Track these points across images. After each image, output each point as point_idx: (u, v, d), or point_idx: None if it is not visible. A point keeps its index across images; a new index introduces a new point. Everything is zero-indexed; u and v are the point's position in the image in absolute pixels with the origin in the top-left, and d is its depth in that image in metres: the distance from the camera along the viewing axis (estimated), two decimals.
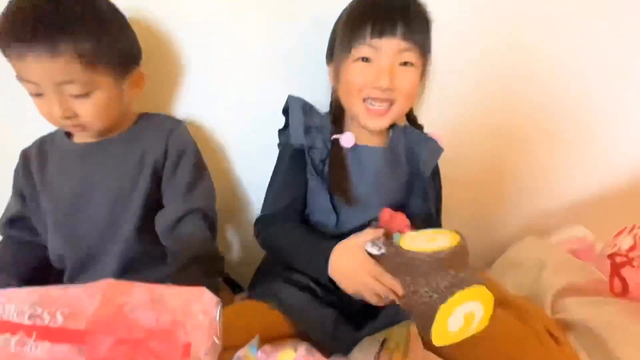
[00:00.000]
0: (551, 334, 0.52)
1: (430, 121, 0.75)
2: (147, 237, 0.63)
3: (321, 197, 0.63)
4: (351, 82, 0.60)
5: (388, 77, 0.57)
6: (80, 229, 0.62)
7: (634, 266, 0.56)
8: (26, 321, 0.32)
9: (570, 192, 0.94)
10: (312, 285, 0.60)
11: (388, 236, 0.53)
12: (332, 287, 0.57)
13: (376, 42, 0.57)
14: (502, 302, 0.54)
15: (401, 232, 0.53)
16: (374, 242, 0.52)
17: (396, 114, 0.62)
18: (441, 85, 0.79)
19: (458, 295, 0.42)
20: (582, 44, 0.82)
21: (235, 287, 0.77)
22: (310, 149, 0.63)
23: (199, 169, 0.67)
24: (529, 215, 0.94)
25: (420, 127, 0.72)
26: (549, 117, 0.86)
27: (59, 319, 0.32)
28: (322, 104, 0.71)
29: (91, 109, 0.57)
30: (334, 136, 0.63)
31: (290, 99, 0.65)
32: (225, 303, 0.64)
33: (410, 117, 0.72)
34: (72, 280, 0.65)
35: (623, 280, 0.58)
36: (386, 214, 0.57)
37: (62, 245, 0.63)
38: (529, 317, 0.54)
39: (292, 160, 0.65)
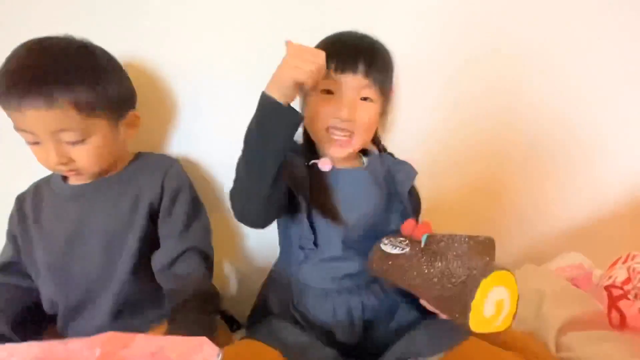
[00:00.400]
0: None
1: (423, 147, 0.77)
2: (142, 277, 0.63)
3: (300, 213, 0.63)
4: (315, 112, 0.63)
5: (348, 109, 0.60)
6: (74, 273, 0.62)
7: (629, 299, 0.57)
8: None
9: (566, 218, 0.95)
10: (313, 324, 0.60)
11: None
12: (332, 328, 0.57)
13: (339, 76, 0.61)
14: (508, 342, 0.55)
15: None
16: (393, 243, 0.54)
17: (356, 144, 0.64)
18: (432, 112, 0.81)
19: (496, 274, 0.44)
20: (576, 70, 0.85)
21: (233, 324, 0.76)
22: (291, 165, 0.63)
23: (195, 206, 0.68)
24: (524, 242, 0.94)
25: (384, 149, 0.75)
26: (544, 143, 0.88)
27: None
28: None
29: (86, 154, 0.58)
30: (312, 161, 0.65)
31: None
32: (223, 341, 0.65)
33: (379, 147, 0.75)
34: (66, 324, 0.64)
35: (620, 312, 0.59)
36: (410, 223, 0.59)
37: (54, 290, 0.63)
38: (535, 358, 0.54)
39: None
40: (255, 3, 0.75)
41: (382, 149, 0.75)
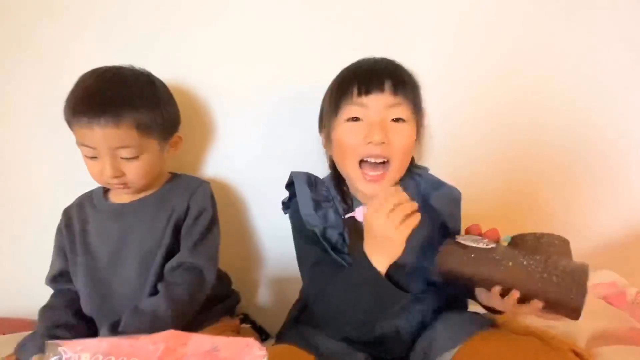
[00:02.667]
0: (578, 354, 0.51)
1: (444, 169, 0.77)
2: None
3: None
4: (343, 143, 0.59)
5: (380, 130, 0.55)
6: (114, 290, 0.67)
7: None
8: None
9: (598, 234, 0.93)
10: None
11: None
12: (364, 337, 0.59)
13: (363, 100, 0.56)
14: (527, 329, 0.56)
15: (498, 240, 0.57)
16: (472, 239, 0.55)
17: (393, 176, 0.59)
18: (454, 132, 0.83)
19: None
20: (609, 84, 0.85)
21: (262, 334, 0.80)
22: (326, 229, 0.60)
23: (211, 229, 0.70)
24: None
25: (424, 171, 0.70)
26: (574, 158, 0.88)
27: None
28: None
29: (137, 169, 0.65)
30: (348, 215, 0.59)
31: (294, 175, 0.64)
32: None
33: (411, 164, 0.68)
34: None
35: None
36: (477, 228, 0.59)
37: (93, 306, 0.67)
38: (555, 341, 0.53)
39: (313, 244, 0.61)
40: (287, 30, 0.81)
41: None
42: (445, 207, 0.62)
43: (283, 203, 0.69)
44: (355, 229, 0.59)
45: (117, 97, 0.61)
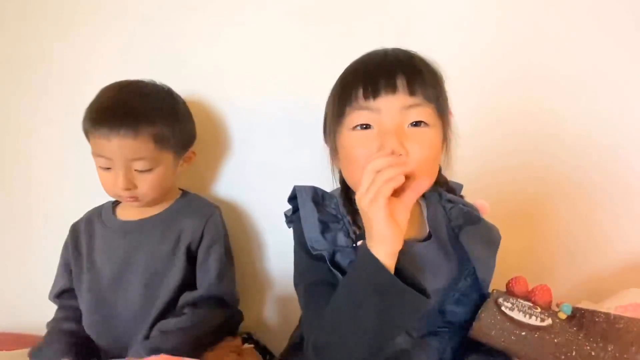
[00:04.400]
0: None
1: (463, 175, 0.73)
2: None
3: None
4: (350, 155, 0.48)
5: (397, 137, 0.44)
6: (115, 313, 0.66)
7: None
8: None
9: (624, 252, 0.88)
10: None
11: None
12: None
13: (371, 103, 0.45)
14: None
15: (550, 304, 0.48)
16: (520, 308, 0.46)
17: (415, 195, 0.44)
18: (464, 138, 0.81)
19: None
20: (625, 92, 0.82)
21: (266, 354, 0.78)
22: (335, 254, 0.51)
23: (227, 258, 0.72)
24: (578, 278, 0.88)
25: (453, 190, 0.60)
26: (597, 171, 0.84)
27: None
28: None
29: (150, 182, 0.65)
30: (360, 242, 0.49)
31: (298, 190, 0.55)
32: None
33: (441, 181, 0.58)
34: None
35: None
36: (525, 283, 0.50)
37: (94, 326, 0.66)
38: None
39: (316, 259, 0.52)
40: (306, 40, 0.81)
41: (444, 182, 0.58)
42: (477, 251, 0.52)
43: (286, 216, 0.60)
44: None
45: (136, 110, 0.62)
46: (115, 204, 0.74)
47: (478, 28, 0.81)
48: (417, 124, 0.46)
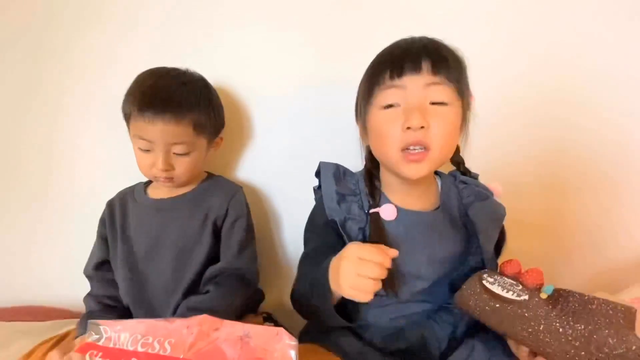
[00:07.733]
0: None
1: (484, 163, 0.74)
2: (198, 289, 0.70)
3: None
4: (380, 132, 0.54)
5: (419, 113, 0.50)
6: (150, 281, 0.70)
7: None
8: (140, 348, 0.37)
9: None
10: (370, 337, 0.59)
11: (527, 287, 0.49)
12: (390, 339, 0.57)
13: (396, 82, 0.51)
14: None
15: (539, 287, 0.48)
16: (502, 284, 0.48)
17: (434, 161, 0.53)
18: (491, 135, 0.81)
19: None
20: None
21: None
22: (346, 220, 0.58)
23: (249, 234, 0.75)
24: (595, 269, 0.89)
25: (468, 171, 0.65)
26: (619, 163, 0.85)
27: (168, 348, 0.37)
28: None
29: (186, 165, 0.68)
30: (372, 210, 0.56)
31: (322, 166, 0.63)
32: None
33: (458, 161, 0.64)
34: None
35: None
36: (516, 265, 0.51)
37: (131, 294, 0.70)
38: None
39: (327, 230, 0.60)
40: (331, 31, 0.83)
41: (459, 163, 0.64)
42: (483, 223, 0.57)
43: (315, 190, 0.67)
44: (377, 226, 0.57)
45: (180, 97, 0.66)
46: (147, 184, 0.77)
47: (500, 19, 0.81)
48: (438, 103, 0.52)
